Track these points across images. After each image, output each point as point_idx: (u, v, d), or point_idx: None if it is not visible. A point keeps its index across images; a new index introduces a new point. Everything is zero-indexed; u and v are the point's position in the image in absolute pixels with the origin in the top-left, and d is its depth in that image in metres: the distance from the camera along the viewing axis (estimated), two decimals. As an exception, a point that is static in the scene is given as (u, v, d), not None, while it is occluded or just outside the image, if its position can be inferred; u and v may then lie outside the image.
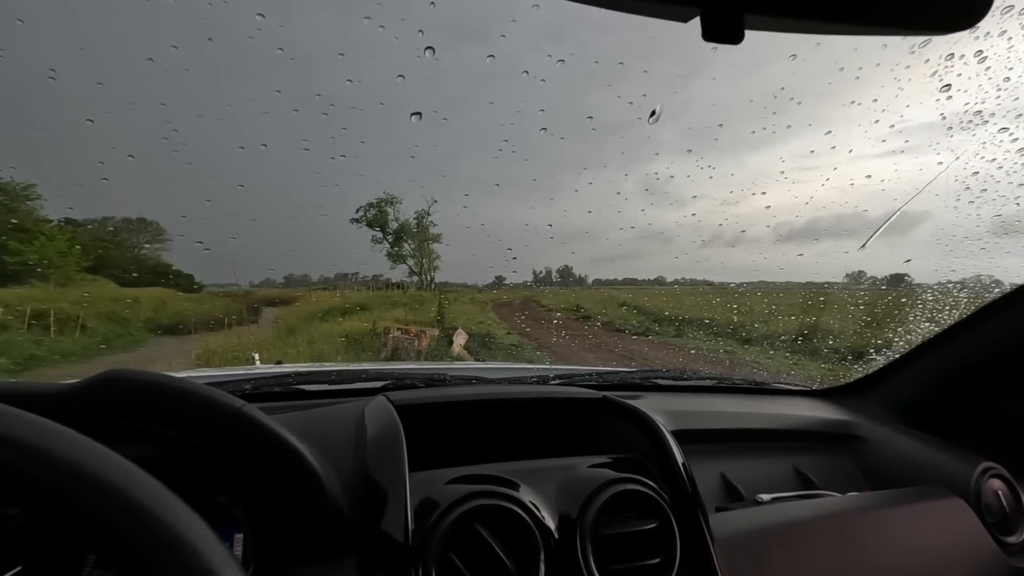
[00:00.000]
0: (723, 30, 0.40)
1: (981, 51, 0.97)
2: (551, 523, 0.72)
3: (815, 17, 0.42)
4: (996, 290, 1.17)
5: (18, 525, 0.55)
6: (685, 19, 0.41)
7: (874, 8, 0.42)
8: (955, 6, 0.42)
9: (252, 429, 0.62)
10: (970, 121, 1.09)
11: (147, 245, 23.51)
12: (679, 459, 0.86)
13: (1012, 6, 0.85)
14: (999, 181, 1.09)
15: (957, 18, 0.43)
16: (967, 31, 0.43)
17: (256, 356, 3.34)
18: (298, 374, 1.12)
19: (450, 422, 0.92)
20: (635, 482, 0.78)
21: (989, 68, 0.97)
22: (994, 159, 1.06)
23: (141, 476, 0.41)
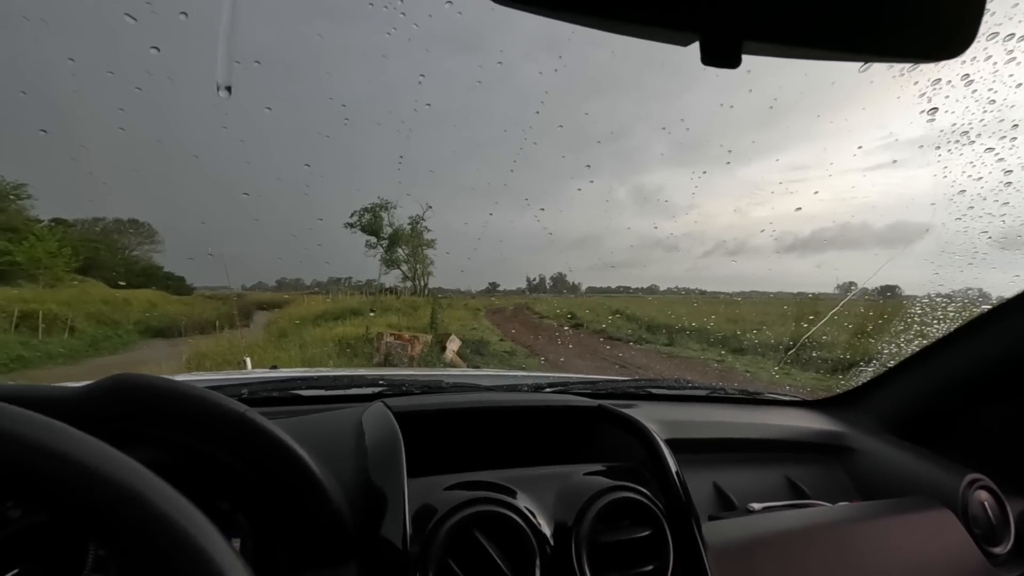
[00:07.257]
0: (721, 55, 0.42)
1: (968, 75, 1.01)
2: (547, 530, 0.72)
3: (810, 44, 0.43)
4: (983, 304, 1.20)
5: (19, 528, 0.55)
6: (685, 43, 0.42)
7: (865, 37, 0.44)
8: (943, 36, 0.44)
9: (255, 434, 0.63)
10: (957, 141, 1.13)
11: (139, 247, 23.35)
12: (673, 468, 0.87)
13: (997, 33, 0.89)
14: (985, 199, 1.12)
15: (945, 48, 0.45)
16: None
17: (248, 360, 3.31)
18: (294, 379, 1.12)
19: (447, 429, 0.92)
20: (630, 490, 0.79)
21: (976, 91, 1.01)
22: (980, 177, 1.09)
23: (155, 481, 0.41)
